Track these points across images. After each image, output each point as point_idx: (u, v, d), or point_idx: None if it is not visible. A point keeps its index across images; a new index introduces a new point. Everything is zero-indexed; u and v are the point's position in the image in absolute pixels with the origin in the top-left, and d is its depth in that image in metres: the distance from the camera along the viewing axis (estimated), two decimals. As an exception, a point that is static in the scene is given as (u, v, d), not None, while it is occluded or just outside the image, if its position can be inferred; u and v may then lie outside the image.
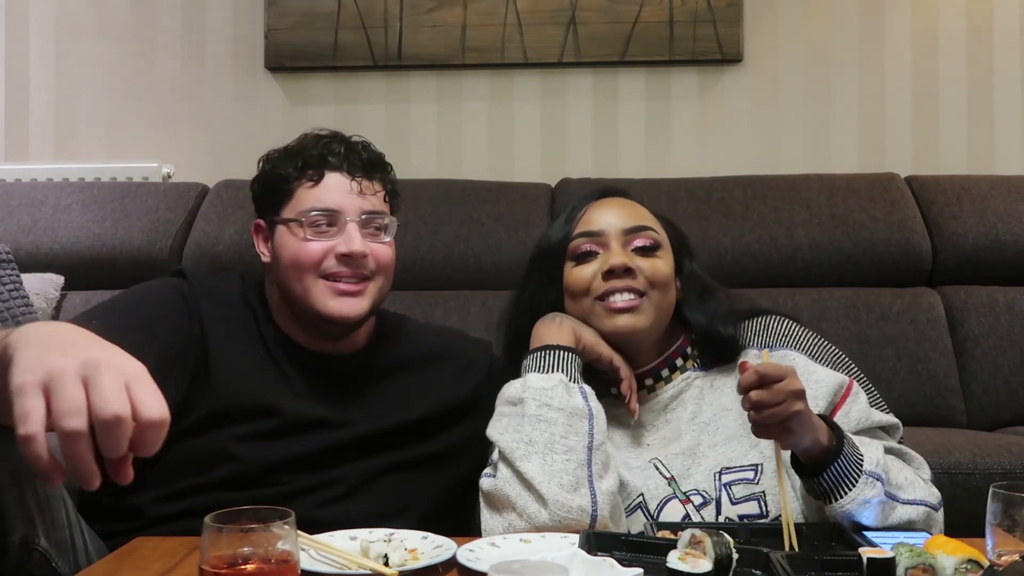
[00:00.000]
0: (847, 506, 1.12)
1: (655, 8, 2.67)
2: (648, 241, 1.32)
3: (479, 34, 2.70)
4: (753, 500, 1.22)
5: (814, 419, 1.12)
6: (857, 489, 1.12)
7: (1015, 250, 2.29)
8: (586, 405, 1.22)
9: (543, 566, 0.81)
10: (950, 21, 2.69)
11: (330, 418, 1.34)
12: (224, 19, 2.79)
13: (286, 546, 0.82)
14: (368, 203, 1.36)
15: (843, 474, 1.12)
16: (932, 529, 1.19)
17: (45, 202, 2.39)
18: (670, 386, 1.33)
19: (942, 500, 1.22)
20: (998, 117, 2.68)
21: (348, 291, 1.33)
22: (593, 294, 1.30)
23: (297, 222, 1.34)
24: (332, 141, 1.39)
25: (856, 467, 1.13)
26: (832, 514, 1.14)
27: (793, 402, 1.08)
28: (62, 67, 2.82)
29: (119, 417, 0.72)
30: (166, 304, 1.33)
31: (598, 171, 2.66)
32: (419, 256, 2.27)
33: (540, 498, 1.14)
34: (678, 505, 1.24)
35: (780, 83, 2.72)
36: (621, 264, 1.28)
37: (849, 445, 1.14)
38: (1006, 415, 2.15)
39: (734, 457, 1.25)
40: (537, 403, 1.20)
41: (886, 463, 1.17)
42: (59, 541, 1.05)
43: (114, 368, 0.75)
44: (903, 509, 1.16)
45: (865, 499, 1.12)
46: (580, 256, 1.32)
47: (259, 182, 1.42)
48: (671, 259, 1.35)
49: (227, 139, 2.77)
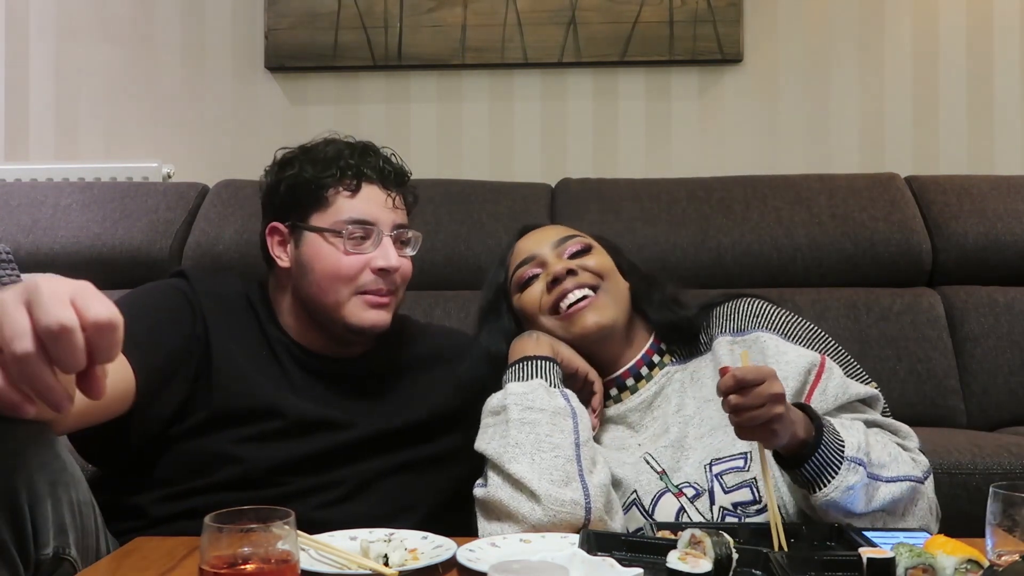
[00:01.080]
0: (831, 494, 1.13)
1: (655, 8, 2.67)
2: (579, 245, 1.37)
3: (479, 34, 2.70)
4: (745, 487, 1.22)
5: (793, 414, 1.12)
6: (840, 476, 1.12)
7: (1015, 250, 2.29)
8: (568, 405, 1.24)
9: (543, 566, 0.81)
10: (950, 21, 2.69)
11: (333, 419, 1.34)
12: (224, 19, 2.79)
13: (286, 546, 0.82)
14: (399, 216, 1.38)
15: (824, 463, 1.13)
16: (919, 502, 1.18)
17: (45, 202, 2.39)
18: (651, 383, 1.35)
19: (930, 469, 1.22)
20: (998, 117, 2.68)
21: (379, 303, 1.35)
22: (546, 308, 1.33)
23: (335, 232, 1.33)
24: (366, 152, 1.39)
25: (837, 454, 1.13)
26: (817, 503, 1.14)
27: (772, 406, 1.07)
28: (62, 67, 2.82)
29: (63, 326, 0.72)
30: (170, 306, 1.33)
31: (598, 171, 2.66)
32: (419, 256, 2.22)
33: (532, 495, 1.14)
34: (672, 499, 1.24)
35: (780, 83, 2.72)
36: (562, 269, 1.32)
37: (829, 433, 1.14)
38: (1006, 415, 2.15)
39: (722, 448, 1.26)
40: (520, 407, 1.21)
41: (868, 443, 1.17)
42: (87, 548, 1.06)
43: (54, 285, 0.75)
44: (886, 488, 1.15)
45: (848, 486, 1.12)
46: (524, 284, 1.37)
47: (286, 184, 1.38)
48: (607, 256, 1.39)
49: (227, 139, 2.77)
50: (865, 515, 1.15)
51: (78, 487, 1.05)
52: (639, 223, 2.29)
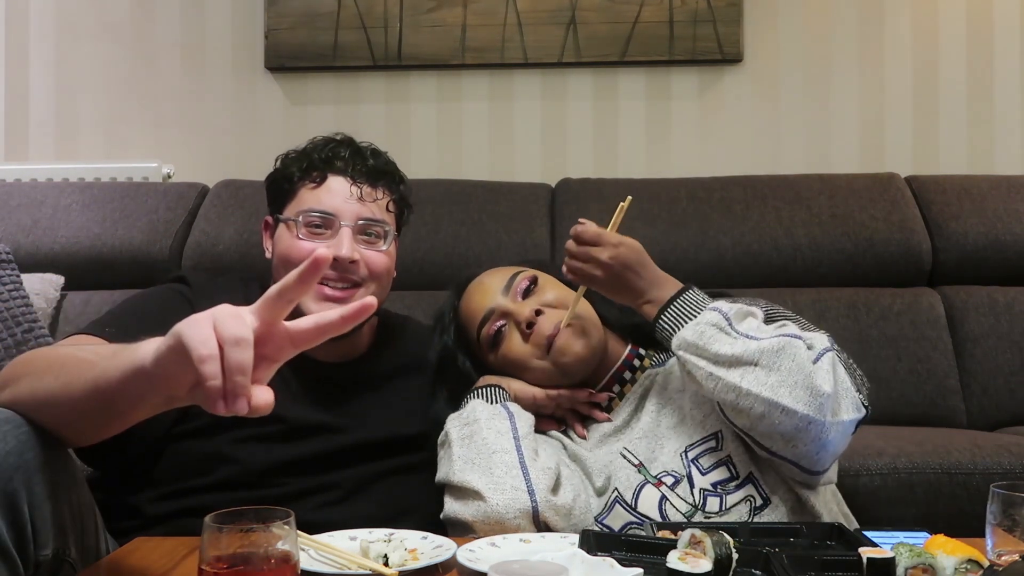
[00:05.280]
0: (686, 335, 1.19)
1: (655, 8, 2.67)
2: (527, 281, 1.37)
3: (479, 34, 2.70)
4: (721, 466, 1.24)
5: (641, 283, 1.26)
6: (700, 316, 1.20)
7: (1015, 250, 2.29)
8: (504, 408, 1.27)
9: (543, 566, 0.81)
10: (950, 21, 2.69)
11: (330, 423, 1.34)
12: (224, 19, 2.79)
13: (286, 546, 0.82)
14: (367, 210, 1.36)
15: (679, 313, 1.23)
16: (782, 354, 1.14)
17: (45, 202, 2.39)
18: (637, 386, 1.37)
19: (830, 342, 1.20)
20: (998, 117, 2.68)
21: (333, 297, 1.32)
22: (537, 355, 1.32)
23: (294, 221, 1.35)
24: (339, 145, 1.40)
25: (701, 303, 1.24)
26: (678, 354, 1.20)
27: (594, 267, 1.26)
28: (62, 67, 2.82)
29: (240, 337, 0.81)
30: (173, 310, 1.33)
31: (598, 171, 2.66)
32: (419, 256, 2.27)
33: (477, 494, 1.18)
34: (652, 489, 1.25)
35: (780, 83, 2.72)
36: (530, 314, 1.31)
37: (696, 293, 1.26)
38: (1006, 415, 2.15)
39: (693, 433, 1.27)
40: (458, 427, 1.27)
41: (742, 311, 1.22)
42: (87, 549, 1.06)
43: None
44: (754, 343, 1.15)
45: (710, 321, 1.18)
46: (494, 339, 1.35)
47: (268, 180, 1.44)
48: (556, 281, 1.39)
49: (227, 139, 2.77)
50: (723, 361, 1.16)
51: (78, 489, 1.05)
52: (639, 223, 2.29)
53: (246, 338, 0.80)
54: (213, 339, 0.80)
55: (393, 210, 1.42)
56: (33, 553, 0.96)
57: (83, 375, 0.94)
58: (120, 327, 1.24)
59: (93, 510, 1.09)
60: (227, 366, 0.79)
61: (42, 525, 0.96)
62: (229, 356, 0.79)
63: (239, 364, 0.79)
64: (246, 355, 0.80)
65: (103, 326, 1.26)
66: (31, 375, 1.00)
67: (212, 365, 0.79)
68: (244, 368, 0.79)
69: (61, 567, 1.00)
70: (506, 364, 1.35)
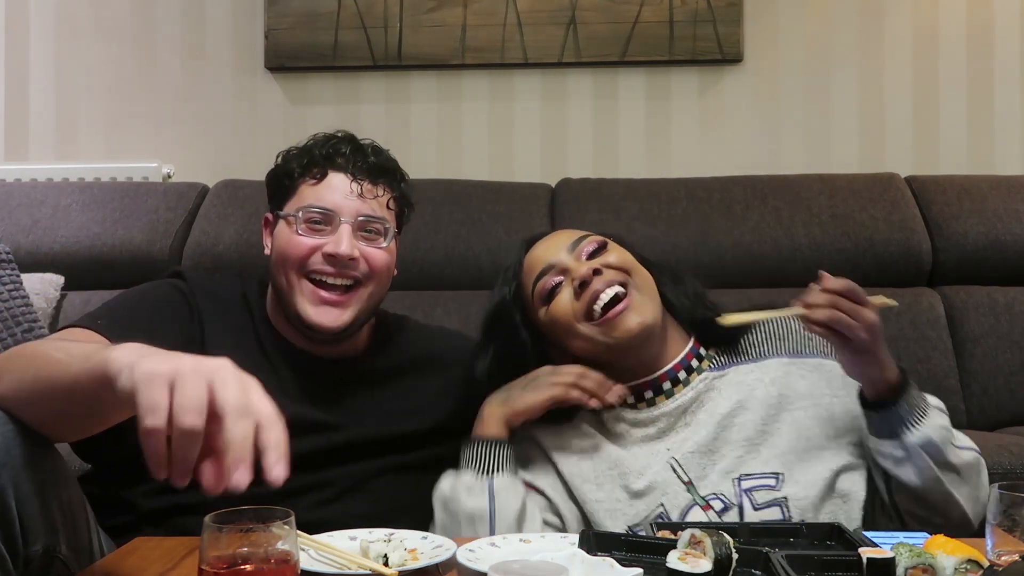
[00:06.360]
0: (926, 431, 1.19)
1: (655, 8, 2.67)
2: (594, 244, 1.32)
3: (479, 34, 2.70)
4: (775, 506, 1.21)
5: (885, 357, 1.20)
6: (930, 417, 1.20)
7: (1015, 250, 2.29)
8: (488, 505, 1.22)
9: (543, 566, 0.81)
10: (950, 21, 2.69)
11: (325, 420, 1.34)
12: (224, 19, 2.79)
13: (286, 546, 0.82)
14: (367, 207, 1.35)
15: (914, 404, 1.21)
16: (983, 473, 1.26)
17: (45, 202, 2.39)
18: (688, 388, 1.31)
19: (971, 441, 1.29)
20: (998, 117, 2.68)
21: (330, 300, 1.32)
22: (580, 316, 1.27)
23: (294, 216, 1.35)
24: (340, 142, 1.39)
25: (923, 400, 1.23)
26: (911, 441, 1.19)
27: (862, 328, 1.16)
28: (62, 67, 2.82)
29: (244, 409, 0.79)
30: (168, 305, 1.34)
31: (598, 171, 2.66)
32: (419, 256, 2.27)
33: None
34: (700, 513, 1.22)
35: (780, 83, 2.72)
36: (587, 271, 1.26)
37: (914, 386, 1.23)
38: (1006, 415, 2.15)
39: (754, 466, 1.24)
40: (442, 510, 1.26)
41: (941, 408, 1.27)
42: (79, 547, 1.05)
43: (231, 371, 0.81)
44: (961, 451, 1.23)
45: (942, 425, 1.20)
46: (549, 294, 1.30)
47: (269, 176, 1.43)
48: (625, 250, 1.35)
49: (227, 139, 2.77)
50: (949, 468, 1.20)
51: (68, 485, 1.04)
52: (639, 223, 2.29)
53: (196, 430, 0.76)
54: (164, 408, 0.76)
55: (394, 208, 1.41)
56: (23, 549, 0.95)
57: (56, 377, 0.93)
58: (113, 320, 1.23)
59: (84, 507, 1.08)
60: (174, 442, 0.76)
61: (31, 522, 0.96)
62: (178, 433, 0.76)
63: (184, 453, 0.77)
64: (193, 446, 0.77)
65: (95, 318, 1.25)
66: (12, 372, 0.99)
67: (155, 441, 0.76)
68: (188, 458, 0.77)
69: (52, 564, 1.00)
70: (554, 325, 1.30)
